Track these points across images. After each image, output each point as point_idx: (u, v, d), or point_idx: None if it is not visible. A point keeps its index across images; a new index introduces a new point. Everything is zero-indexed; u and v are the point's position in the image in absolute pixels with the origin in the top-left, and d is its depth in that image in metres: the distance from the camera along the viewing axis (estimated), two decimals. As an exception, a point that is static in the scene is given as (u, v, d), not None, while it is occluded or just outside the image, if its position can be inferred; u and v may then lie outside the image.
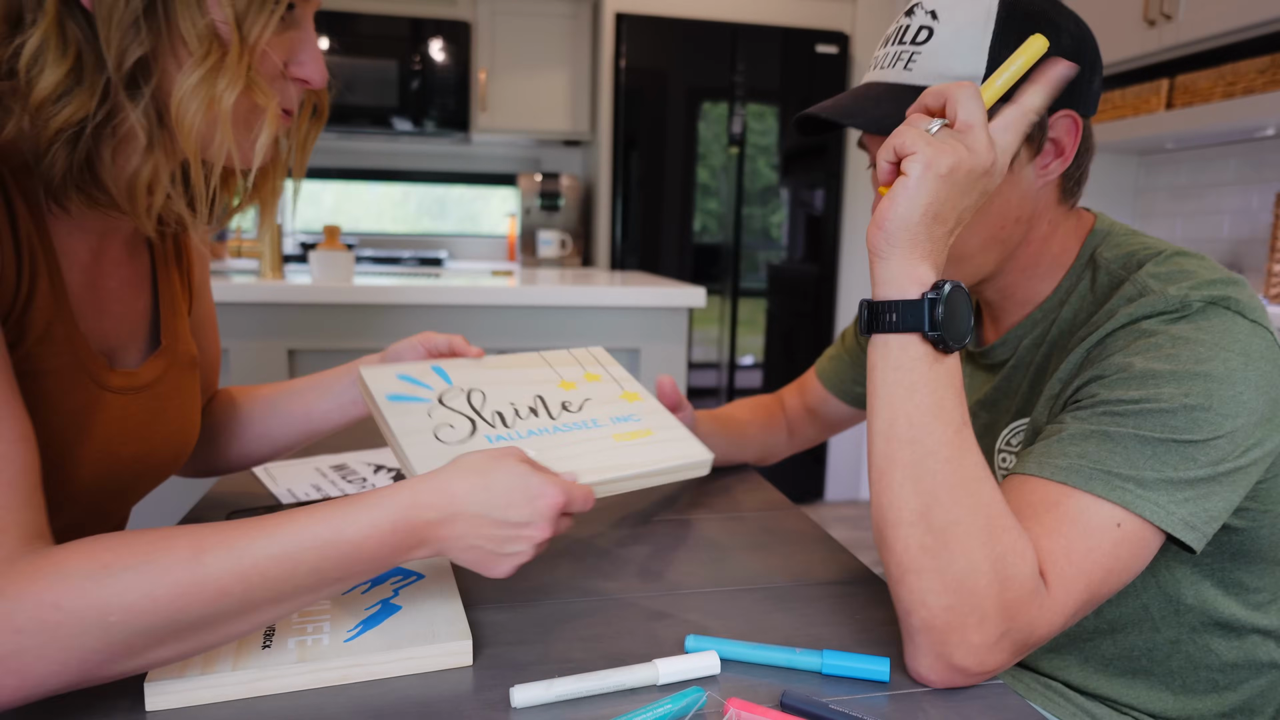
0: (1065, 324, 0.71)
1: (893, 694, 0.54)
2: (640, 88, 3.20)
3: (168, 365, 0.70)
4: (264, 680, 0.52)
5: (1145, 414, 0.57)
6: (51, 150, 0.52)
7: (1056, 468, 0.57)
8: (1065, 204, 0.73)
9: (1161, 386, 0.57)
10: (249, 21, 0.52)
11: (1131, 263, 0.68)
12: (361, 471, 1.00)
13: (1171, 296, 0.61)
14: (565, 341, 1.89)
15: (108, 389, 0.63)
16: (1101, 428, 0.58)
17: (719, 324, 3.35)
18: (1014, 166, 0.67)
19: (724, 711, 0.49)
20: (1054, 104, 0.63)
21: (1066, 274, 0.73)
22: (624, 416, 0.75)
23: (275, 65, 0.57)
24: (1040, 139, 0.67)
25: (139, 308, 0.69)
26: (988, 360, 0.79)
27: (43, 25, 0.50)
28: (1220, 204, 2.48)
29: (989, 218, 0.68)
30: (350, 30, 3.38)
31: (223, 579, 0.46)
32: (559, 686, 0.51)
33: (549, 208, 3.66)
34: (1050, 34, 0.62)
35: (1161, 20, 2.19)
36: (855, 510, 3.32)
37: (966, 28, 0.64)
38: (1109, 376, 0.60)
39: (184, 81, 0.51)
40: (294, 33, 0.58)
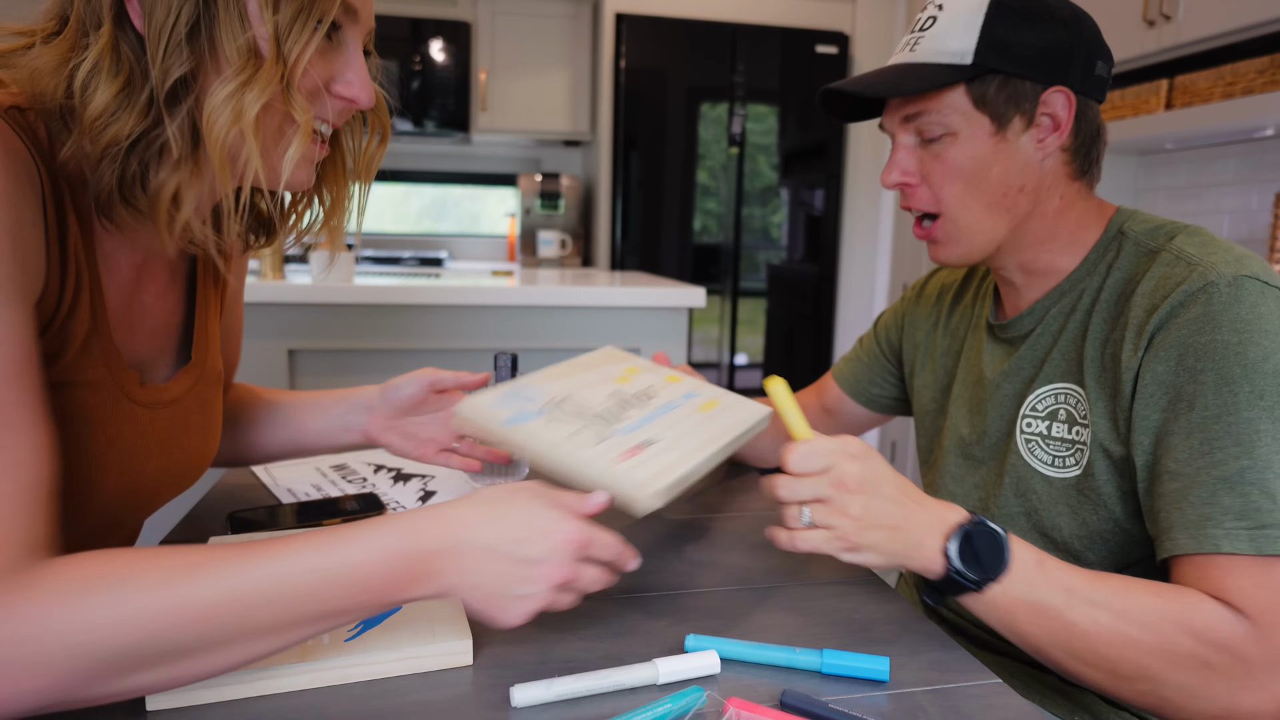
0: (1096, 291, 0.74)
1: (892, 693, 0.54)
2: (640, 88, 3.20)
3: (195, 381, 0.71)
4: (264, 680, 0.52)
5: (1248, 419, 0.60)
6: (100, 165, 0.54)
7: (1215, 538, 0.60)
8: (1078, 182, 0.76)
9: (1238, 396, 0.60)
10: (289, 39, 0.53)
11: (1161, 234, 0.72)
12: (362, 471, 1.01)
13: (1224, 275, 0.63)
14: (565, 341, 1.89)
15: (136, 403, 0.63)
16: (1214, 470, 0.60)
17: (719, 324, 3.35)
18: (1008, 135, 0.72)
19: (724, 711, 0.49)
20: (1046, 78, 0.70)
21: (1094, 248, 0.76)
22: (690, 394, 0.78)
23: (315, 83, 0.57)
24: (1032, 111, 0.71)
25: (172, 323, 0.69)
26: (1010, 333, 0.81)
27: (98, 46, 0.51)
28: (1220, 204, 2.49)
29: (989, 185, 0.73)
30: (350, 30, 3.38)
31: (209, 602, 0.45)
32: (559, 686, 0.51)
33: (549, 208, 3.67)
34: (1044, 19, 0.70)
35: (1161, 21, 2.19)
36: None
37: (963, 14, 0.71)
38: (1184, 386, 0.63)
39: (217, 93, 0.52)
40: (339, 53, 0.59)
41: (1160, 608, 0.58)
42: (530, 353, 1.88)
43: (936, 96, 0.72)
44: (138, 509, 0.69)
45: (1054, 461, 0.75)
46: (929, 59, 0.72)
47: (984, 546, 0.61)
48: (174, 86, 0.53)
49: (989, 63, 0.70)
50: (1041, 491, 0.76)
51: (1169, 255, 0.68)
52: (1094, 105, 0.74)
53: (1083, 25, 0.72)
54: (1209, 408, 0.61)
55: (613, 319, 1.90)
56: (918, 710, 0.52)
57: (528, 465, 1.01)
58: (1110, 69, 0.74)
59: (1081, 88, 0.72)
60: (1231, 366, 0.61)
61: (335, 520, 0.81)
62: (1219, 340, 0.62)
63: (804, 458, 0.61)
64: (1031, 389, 0.78)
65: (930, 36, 0.73)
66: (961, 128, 0.72)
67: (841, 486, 0.60)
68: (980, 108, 0.72)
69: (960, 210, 0.74)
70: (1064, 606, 0.59)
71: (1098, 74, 0.73)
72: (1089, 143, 0.75)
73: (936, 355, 0.93)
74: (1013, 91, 0.71)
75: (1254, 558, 0.57)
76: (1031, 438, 0.77)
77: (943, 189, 0.74)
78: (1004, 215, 0.74)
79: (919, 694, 0.54)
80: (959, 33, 0.71)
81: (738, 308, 3.36)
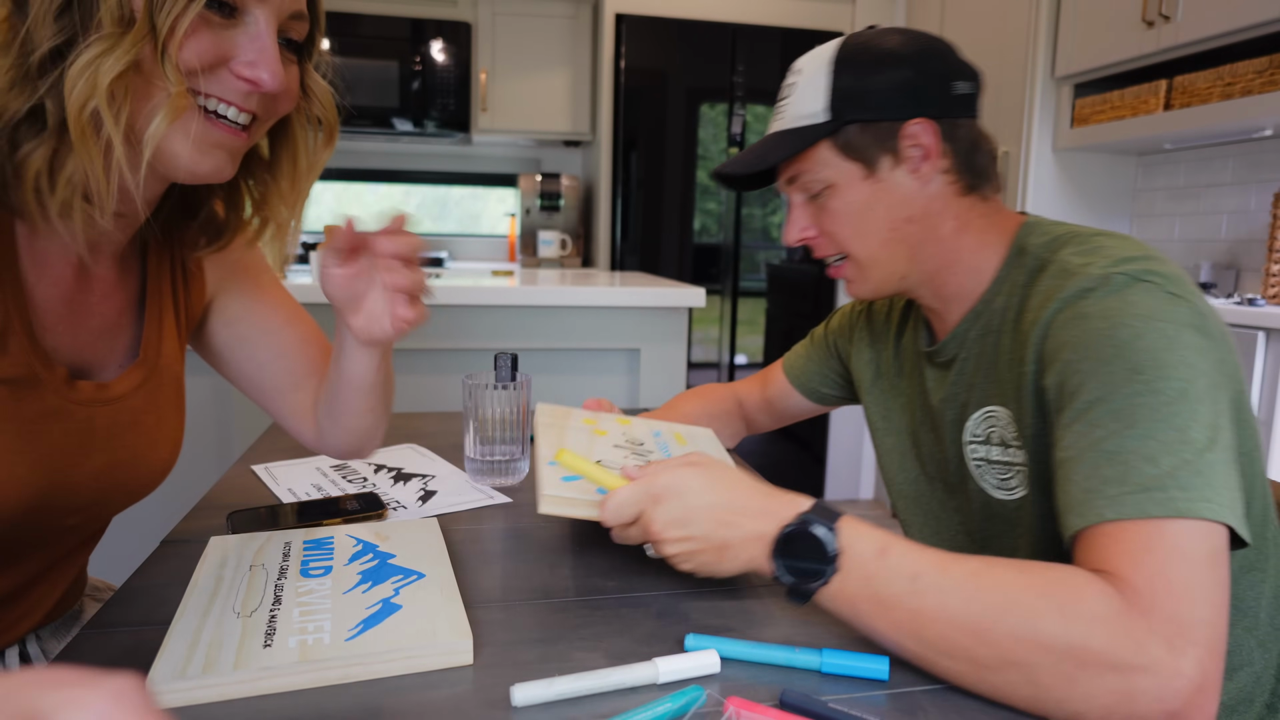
0: (1001, 311, 0.75)
1: (892, 693, 0.54)
2: (640, 88, 3.20)
3: (144, 379, 0.70)
4: (264, 680, 0.52)
5: (1118, 412, 0.58)
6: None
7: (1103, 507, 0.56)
8: (969, 197, 0.77)
9: (1115, 376, 0.59)
10: (163, 7, 0.51)
11: (1054, 245, 0.72)
12: (362, 471, 1.01)
13: (1094, 275, 0.64)
14: (565, 341, 1.89)
15: (67, 400, 0.62)
16: (1096, 447, 0.58)
17: (719, 324, 3.35)
18: (881, 174, 0.76)
19: (724, 710, 0.50)
20: (902, 114, 0.74)
21: (1001, 266, 0.77)
22: (656, 431, 0.90)
23: (210, 59, 0.55)
24: (897, 147, 0.75)
25: (124, 322, 0.68)
26: (940, 358, 0.82)
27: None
28: (1218, 204, 2.49)
29: (877, 223, 0.77)
30: (351, 31, 3.38)
31: None
32: (559, 685, 0.52)
33: (549, 208, 3.67)
34: (888, 63, 0.74)
35: (1160, 21, 2.20)
36: (854, 510, 3.32)
37: (814, 75, 0.77)
38: (1067, 381, 0.62)
39: (79, 57, 0.50)
40: (241, 31, 0.56)
41: (1020, 583, 0.53)
42: (530, 353, 1.89)
43: (806, 156, 0.77)
44: (77, 511, 0.67)
45: (1001, 485, 0.76)
46: (792, 124, 0.78)
47: (803, 550, 0.58)
48: (48, 56, 0.50)
49: (844, 114, 0.75)
50: (1001, 515, 0.76)
51: (1055, 267, 0.69)
52: (963, 123, 0.76)
53: (930, 58, 0.75)
54: (1090, 393, 0.60)
55: (613, 319, 1.90)
56: (917, 709, 0.52)
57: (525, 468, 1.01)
58: (976, 85, 0.77)
59: (942, 112, 0.75)
60: (1104, 349, 0.60)
61: (336, 520, 0.81)
62: (1090, 329, 0.62)
63: (613, 512, 0.63)
64: (968, 414, 0.79)
65: (791, 102, 0.78)
66: (836, 179, 0.76)
67: (653, 530, 0.62)
68: (847, 156, 0.76)
69: (859, 250, 0.78)
70: (907, 594, 0.54)
71: (959, 94, 0.75)
72: (967, 158, 0.76)
73: (890, 376, 0.93)
74: (873, 135, 0.74)
75: (1139, 522, 0.53)
76: (980, 463, 0.78)
77: (837, 235, 0.79)
78: (900, 247, 0.77)
79: (919, 693, 0.54)
80: (812, 94, 0.76)
81: (737, 308, 3.37)
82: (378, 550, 0.71)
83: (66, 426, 0.62)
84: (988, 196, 0.78)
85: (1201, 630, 0.50)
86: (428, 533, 0.76)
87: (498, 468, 0.96)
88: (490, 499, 0.92)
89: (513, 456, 0.97)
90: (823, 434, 3.46)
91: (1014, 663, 0.51)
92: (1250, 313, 1.78)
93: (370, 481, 0.97)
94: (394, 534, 0.75)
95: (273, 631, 0.56)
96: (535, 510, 0.92)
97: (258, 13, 0.57)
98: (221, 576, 0.65)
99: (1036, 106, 2.63)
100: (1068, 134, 2.59)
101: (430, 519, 0.81)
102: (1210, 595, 0.51)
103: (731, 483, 0.63)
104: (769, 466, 3.37)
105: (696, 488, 0.62)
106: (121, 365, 0.69)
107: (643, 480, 0.63)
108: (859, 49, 0.76)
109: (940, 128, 0.75)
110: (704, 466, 0.64)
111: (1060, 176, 2.69)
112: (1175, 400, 0.57)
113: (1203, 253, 2.54)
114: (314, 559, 0.69)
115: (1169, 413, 0.56)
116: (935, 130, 0.74)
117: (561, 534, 0.82)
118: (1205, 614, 0.51)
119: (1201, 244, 2.55)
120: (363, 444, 0.83)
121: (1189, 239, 2.59)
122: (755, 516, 0.61)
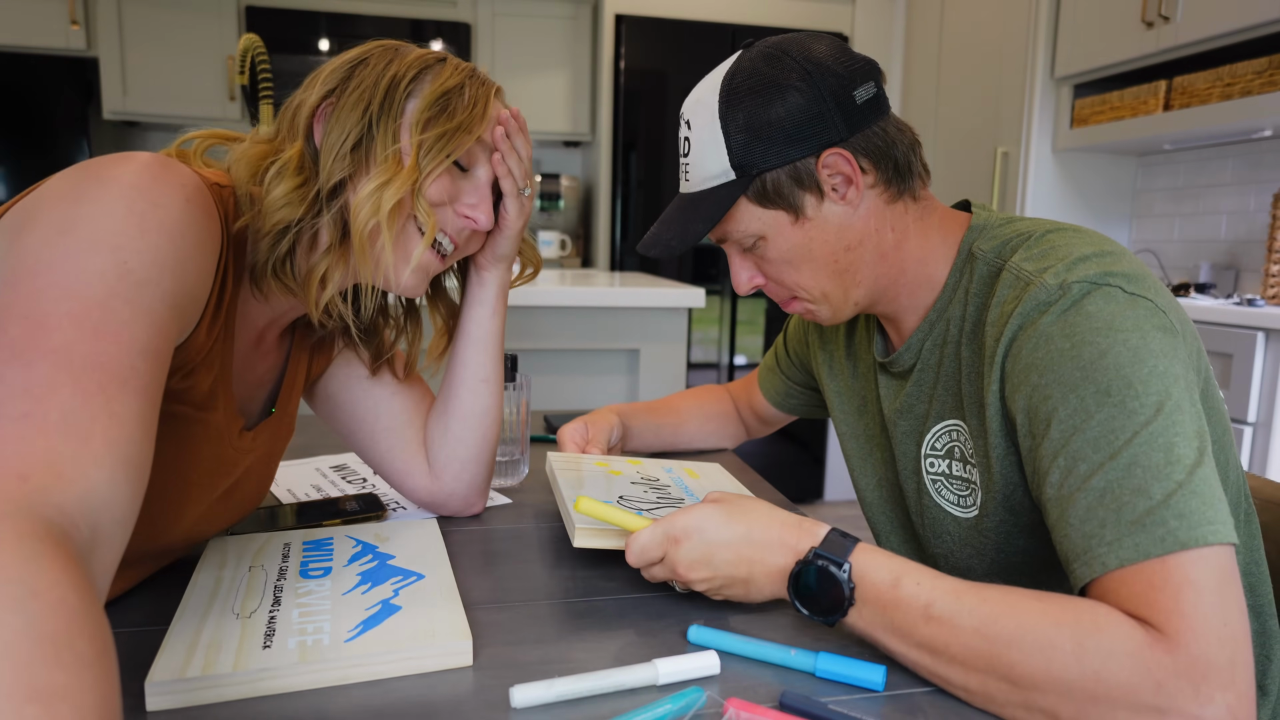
0: (958, 321, 0.72)
1: (891, 695, 0.54)
2: (640, 89, 3.20)
3: (274, 430, 0.76)
4: (264, 680, 0.52)
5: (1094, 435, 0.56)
6: (263, 241, 0.64)
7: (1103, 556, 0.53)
8: (900, 202, 0.73)
9: (1085, 401, 0.56)
10: (426, 156, 0.66)
11: (1005, 250, 0.69)
12: (361, 471, 1.01)
13: (1050, 286, 0.62)
14: (565, 341, 1.89)
15: (232, 447, 0.69)
16: (1085, 485, 0.55)
17: (718, 324, 3.35)
18: (809, 214, 0.71)
19: (723, 711, 0.50)
20: (812, 149, 0.68)
21: (950, 273, 0.74)
22: (669, 468, 0.92)
23: (443, 198, 0.69)
24: (818, 184, 0.70)
25: (268, 377, 0.76)
26: (896, 368, 0.80)
27: (290, 151, 0.65)
28: (1218, 205, 2.49)
29: (819, 260, 0.73)
30: (351, 31, 3.38)
31: None
32: (559, 686, 0.52)
33: (549, 208, 3.67)
34: (775, 93, 0.68)
35: (1159, 22, 2.20)
36: (854, 510, 3.32)
37: (705, 130, 0.71)
38: (1037, 408, 0.60)
39: (364, 188, 0.65)
40: (469, 180, 0.71)
41: (1036, 612, 0.51)
42: (530, 353, 1.89)
43: (728, 216, 0.72)
44: (192, 544, 0.72)
45: (959, 501, 0.74)
46: (700, 186, 0.73)
47: (819, 584, 0.57)
48: (334, 186, 0.66)
49: (750, 168, 0.69)
50: (954, 532, 0.75)
51: (1009, 275, 0.67)
52: (875, 130, 0.70)
53: (821, 76, 0.68)
54: (1063, 421, 0.57)
55: (613, 319, 1.90)
56: (917, 711, 0.52)
57: (525, 470, 1.01)
58: (876, 81, 0.71)
59: (851, 129, 0.69)
60: (1071, 373, 0.58)
61: (335, 521, 0.81)
62: (1054, 350, 0.59)
63: (637, 555, 0.63)
64: (928, 426, 0.77)
65: (692, 163, 0.73)
66: (765, 230, 0.72)
67: (679, 571, 0.62)
68: (769, 206, 0.71)
69: (810, 287, 0.74)
70: (921, 622, 0.54)
71: (862, 102, 0.69)
72: (887, 161, 0.71)
73: (845, 377, 0.91)
74: (788, 178, 0.69)
75: (1142, 564, 0.51)
76: (936, 478, 0.77)
77: (783, 280, 0.75)
78: (849, 276, 0.74)
79: (918, 695, 0.54)
80: (711, 151, 0.71)
81: (737, 308, 3.37)
82: (377, 551, 0.71)
83: (222, 470, 0.69)
84: (918, 195, 0.74)
85: (1227, 672, 0.47)
86: (427, 533, 0.76)
87: (498, 468, 0.96)
88: (490, 499, 0.92)
89: (512, 457, 0.97)
90: (822, 435, 3.46)
91: (1026, 691, 0.50)
92: (1250, 313, 1.78)
93: (370, 482, 0.97)
94: (393, 535, 0.75)
95: (272, 632, 0.56)
96: (536, 511, 0.91)
97: (482, 171, 0.72)
98: (221, 577, 0.65)
99: (1036, 107, 2.63)
100: (1067, 134, 2.59)
101: (430, 520, 0.81)
102: (1230, 625, 0.48)
103: (749, 516, 0.62)
104: (769, 467, 3.37)
105: (715, 524, 0.62)
106: (260, 416, 0.76)
107: (663, 522, 0.63)
108: (744, 88, 0.69)
109: (855, 147, 0.69)
110: (723, 503, 0.64)
111: (1060, 177, 2.69)
112: (1153, 418, 0.54)
113: (1202, 253, 2.54)
114: (313, 560, 0.69)
115: (1148, 434, 0.54)
116: (850, 157, 0.69)
117: (561, 535, 0.82)
118: (1229, 653, 0.47)
119: (1201, 244, 2.55)
120: (473, 475, 0.84)
121: (1188, 239, 2.59)
122: (773, 550, 0.61)
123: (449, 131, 0.67)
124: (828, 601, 0.57)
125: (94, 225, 0.49)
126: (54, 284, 0.46)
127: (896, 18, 3.42)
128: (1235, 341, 1.80)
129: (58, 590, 0.35)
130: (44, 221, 0.49)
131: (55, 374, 0.43)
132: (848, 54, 0.71)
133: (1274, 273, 2.13)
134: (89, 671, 0.34)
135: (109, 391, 0.45)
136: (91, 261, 0.48)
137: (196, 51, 3.30)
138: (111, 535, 0.43)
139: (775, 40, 0.73)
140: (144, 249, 0.50)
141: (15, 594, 0.34)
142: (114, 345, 0.46)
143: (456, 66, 0.70)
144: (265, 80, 1.54)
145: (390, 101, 0.66)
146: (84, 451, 0.42)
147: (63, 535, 0.39)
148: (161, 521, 0.64)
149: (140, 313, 0.49)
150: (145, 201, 0.52)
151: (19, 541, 0.36)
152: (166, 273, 0.51)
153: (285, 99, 0.70)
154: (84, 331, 0.46)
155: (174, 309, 0.52)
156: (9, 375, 0.43)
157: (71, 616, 0.35)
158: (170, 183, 0.54)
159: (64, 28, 3.17)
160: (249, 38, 1.55)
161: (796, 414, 1.08)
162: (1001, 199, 2.78)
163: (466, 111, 0.68)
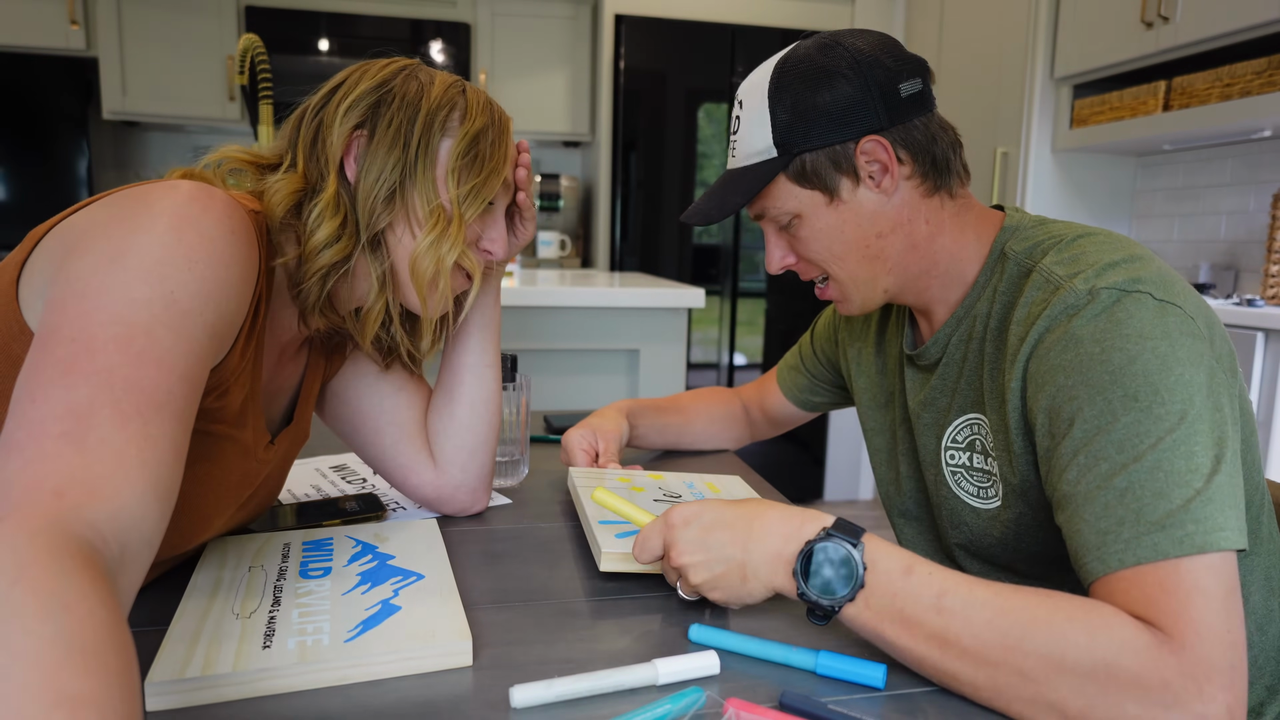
0: (984, 319, 0.74)
1: (891, 694, 0.54)
2: (640, 89, 3.20)
3: (290, 440, 0.77)
4: (264, 680, 0.52)
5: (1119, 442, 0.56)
6: (309, 281, 0.67)
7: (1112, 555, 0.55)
8: (937, 197, 0.75)
9: (1112, 404, 0.57)
10: (466, 205, 0.70)
11: (1036, 252, 0.71)
12: (361, 472, 1.01)
13: (1080, 291, 0.63)
14: (565, 342, 1.89)
15: (256, 459, 0.70)
16: (1106, 483, 0.56)
17: (718, 325, 3.35)
18: (844, 197, 0.73)
19: (723, 711, 0.50)
20: (853, 134, 0.71)
21: (981, 270, 0.75)
22: (689, 483, 0.92)
23: (474, 238, 0.74)
24: (854, 169, 0.72)
25: (287, 387, 0.77)
26: (923, 361, 0.81)
27: (326, 193, 0.67)
28: (1217, 205, 2.49)
29: (851, 244, 0.75)
30: (350, 31, 3.38)
31: None
32: (559, 686, 0.52)
33: (549, 209, 3.67)
34: (824, 81, 0.71)
35: (1159, 22, 2.20)
36: (854, 510, 3.32)
37: (754, 109, 0.75)
38: (1061, 407, 0.61)
39: (419, 244, 0.69)
40: (490, 216, 0.75)
41: (1047, 605, 0.52)
42: (530, 353, 1.89)
43: (766, 193, 0.76)
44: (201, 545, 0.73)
45: (979, 493, 0.75)
46: (744, 162, 0.77)
47: (831, 566, 0.57)
48: (377, 233, 0.69)
49: (792, 147, 0.72)
50: (973, 524, 0.76)
51: (1038, 277, 0.68)
52: (917, 123, 0.73)
53: (871, 67, 0.71)
54: (1087, 422, 0.58)
55: (612, 319, 1.90)
56: (917, 711, 0.52)
57: (524, 471, 1.01)
58: (924, 78, 0.73)
59: (893, 120, 0.71)
60: (1099, 376, 0.59)
61: (335, 521, 0.81)
62: (1084, 354, 0.60)
63: (641, 547, 0.64)
64: (950, 420, 0.78)
65: (740, 140, 0.78)
66: (801, 209, 0.75)
67: (674, 555, 0.62)
68: (806, 186, 0.74)
69: (840, 270, 0.77)
70: (932, 611, 0.53)
71: (906, 95, 0.72)
72: (928, 158, 0.73)
73: (872, 374, 0.93)
74: (828, 160, 0.72)
75: (1157, 564, 0.52)
76: (956, 470, 0.78)
77: (814, 260, 0.78)
78: (880, 263, 0.76)
79: (918, 695, 0.54)
80: (758, 129, 0.74)
81: (737, 308, 3.37)
82: (377, 551, 0.71)
83: (246, 481, 0.70)
84: (955, 192, 0.76)
85: (1228, 676, 0.49)
86: (427, 533, 0.76)
87: (498, 468, 0.96)
88: (490, 500, 0.92)
89: (512, 457, 0.97)
90: (822, 435, 3.46)
91: (1036, 683, 0.50)
92: (1249, 313, 1.78)
93: (369, 482, 0.97)
94: (393, 535, 0.75)
95: (272, 633, 0.56)
96: (536, 511, 0.92)
97: (500, 203, 0.76)
98: (220, 578, 0.65)
99: (1036, 107, 2.63)
100: (1067, 135, 2.59)
101: (430, 519, 0.81)
102: (1233, 632, 0.50)
103: (753, 506, 0.62)
104: (769, 467, 3.37)
105: (715, 510, 0.62)
106: (280, 424, 0.77)
107: (664, 513, 0.64)
108: (794, 73, 0.73)
109: (894, 137, 0.72)
110: (727, 497, 0.64)
111: (1059, 177, 2.69)
112: (1177, 425, 0.55)
113: (1202, 254, 2.54)
114: (313, 560, 0.69)
115: (1172, 440, 0.55)
116: (888, 145, 0.71)
117: (561, 534, 0.82)
118: (1231, 658, 0.49)
119: (1200, 245, 2.55)
120: (480, 465, 0.85)
121: (1188, 240, 2.59)
122: (772, 536, 0.60)
123: (481, 181, 0.71)
124: (837, 581, 0.56)
125: (144, 254, 0.51)
126: (102, 308, 0.48)
127: (896, 18, 3.43)
128: (1235, 342, 1.79)
129: (87, 604, 0.37)
130: (94, 248, 0.51)
131: (96, 395, 0.45)
132: (898, 49, 0.74)
133: (1273, 273, 2.13)
134: (115, 682, 0.35)
135: (146, 415, 0.47)
136: (140, 290, 0.50)
137: (196, 51, 3.30)
138: (138, 554, 0.44)
139: (831, 32, 0.77)
140: (190, 280, 0.52)
141: (47, 605, 0.35)
142: (155, 371, 0.48)
143: (477, 101, 0.73)
144: (265, 80, 1.54)
145: (426, 146, 0.69)
146: (118, 471, 0.44)
147: (94, 551, 0.40)
148: (189, 533, 0.66)
149: (182, 340, 0.51)
150: (194, 233, 0.54)
151: (52, 556, 0.38)
152: (210, 303, 0.54)
153: (285, 99, 0.70)
154: (127, 356, 0.47)
155: (213, 337, 0.55)
156: (53, 394, 0.45)
157: (99, 629, 0.36)
158: (217, 214, 0.56)
159: (63, 28, 3.17)
160: (249, 38, 1.55)
161: (815, 411, 1.10)
162: (1001, 199, 2.78)
163: (493, 155, 0.72)
